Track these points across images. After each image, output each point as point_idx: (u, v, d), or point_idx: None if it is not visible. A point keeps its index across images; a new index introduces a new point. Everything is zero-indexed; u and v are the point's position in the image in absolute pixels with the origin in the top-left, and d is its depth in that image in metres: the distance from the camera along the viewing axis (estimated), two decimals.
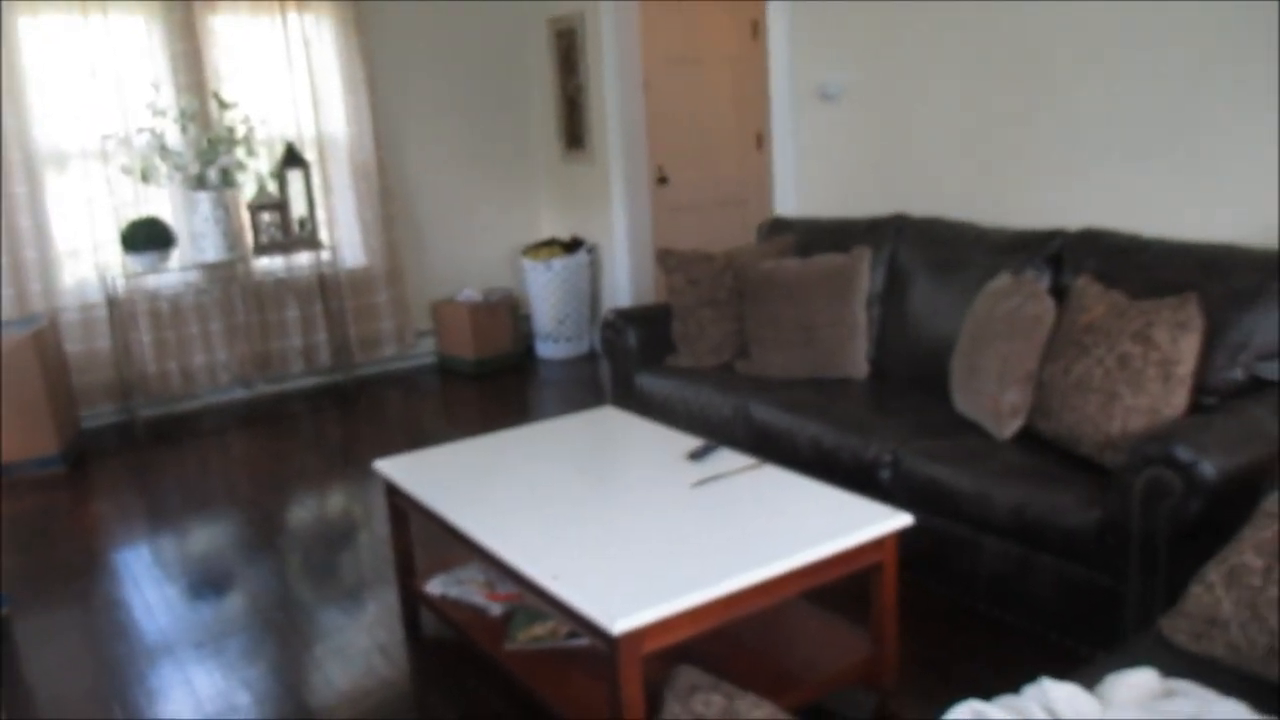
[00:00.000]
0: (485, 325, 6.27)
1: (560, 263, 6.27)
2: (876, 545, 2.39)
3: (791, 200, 4.86)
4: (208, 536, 4.03)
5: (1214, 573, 1.87)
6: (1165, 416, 2.64)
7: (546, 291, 6.33)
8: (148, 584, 3.61)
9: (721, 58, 6.55)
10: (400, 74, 6.28)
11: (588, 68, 6.15)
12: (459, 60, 6.49)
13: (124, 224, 5.32)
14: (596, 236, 6.41)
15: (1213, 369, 2.78)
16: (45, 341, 4.89)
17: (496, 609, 2.82)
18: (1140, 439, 2.47)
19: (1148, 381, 2.66)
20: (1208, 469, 2.32)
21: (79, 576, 3.71)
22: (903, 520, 2.41)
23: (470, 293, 6.43)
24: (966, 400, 3.19)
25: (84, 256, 5.42)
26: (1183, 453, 2.35)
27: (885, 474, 3.12)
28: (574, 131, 6.40)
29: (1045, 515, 2.66)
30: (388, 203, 6.19)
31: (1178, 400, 2.65)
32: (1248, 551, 1.84)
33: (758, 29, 6.44)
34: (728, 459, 2.85)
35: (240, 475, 4.73)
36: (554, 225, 6.83)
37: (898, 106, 4.25)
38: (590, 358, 6.46)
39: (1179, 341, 2.65)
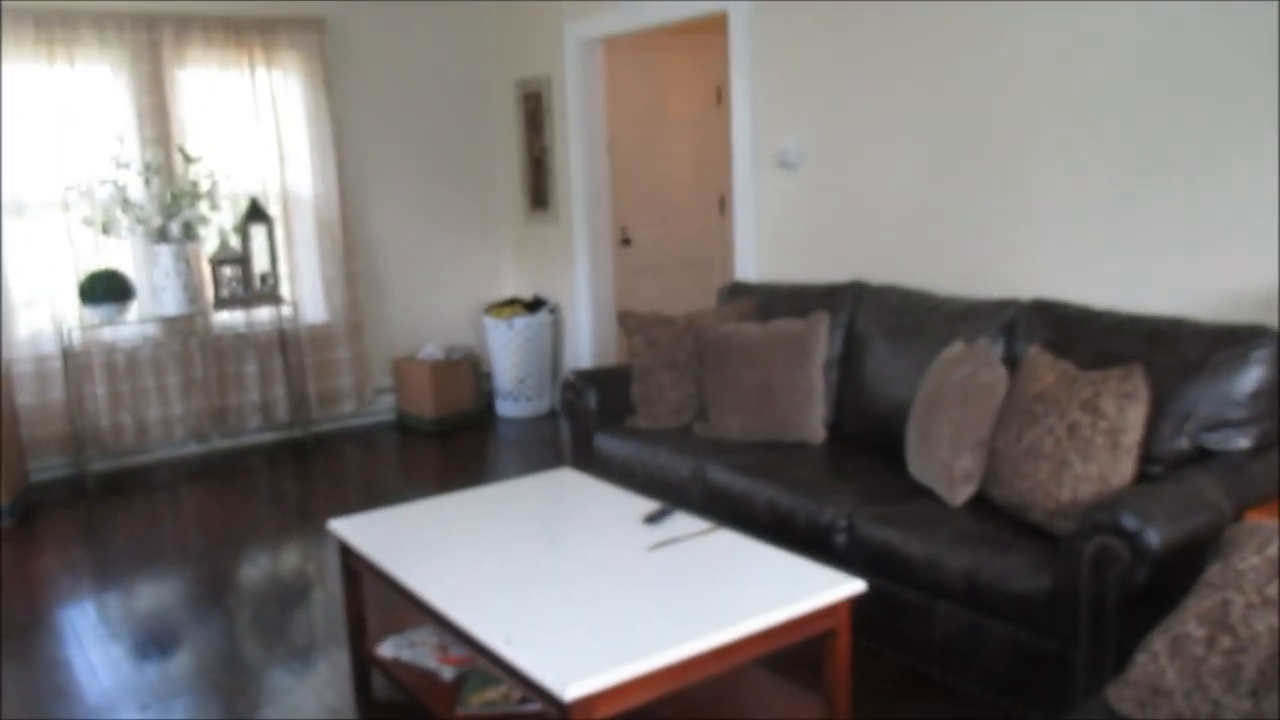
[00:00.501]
0: (446, 383, 6.26)
1: (522, 321, 6.29)
2: (830, 611, 2.40)
3: (752, 264, 4.93)
4: (156, 594, 3.95)
5: (1158, 642, 1.90)
6: (1113, 485, 2.69)
7: (508, 350, 6.34)
8: (92, 643, 3.54)
9: (686, 122, 6.67)
10: (367, 131, 6.33)
11: (554, 129, 6.23)
12: (426, 118, 6.55)
13: (83, 275, 5.28)
14: (559, 296, 6.45)
15: (1159, 438, 2.85)
16: None
17: (449, 673, 2.79)
18: (1089, 507, 2.52)
19: (1096, 450, 2.71)
20: (1153, 537, 2.36)
21: (21, 634, 3.62)
22: (856, 587, 2.42)
23: (432, 350, 6.42)
24: (921, 465, 3.23)
25: (40, 307, 5.37)
26: (1129, 521, 2.39)
27: (840, 538, 3.14)
28: (539, 191, 6.47)
29: (996, 581, 2.68)
30: (351, 259, 6.19)
31: (1125, 469, 2.70)
32: (1190, 621, 1.87)
33: (721, 95, 6.57)
34: (684, 523, 2.85)
35: (191, 531, 4.65)
36: (517, 284, 6.86)
37: (855, 175, 4.35)
38: (551, 417, 6.46)
39: (1126, 411, 2.70)
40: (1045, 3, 3.53)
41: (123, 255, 5.49)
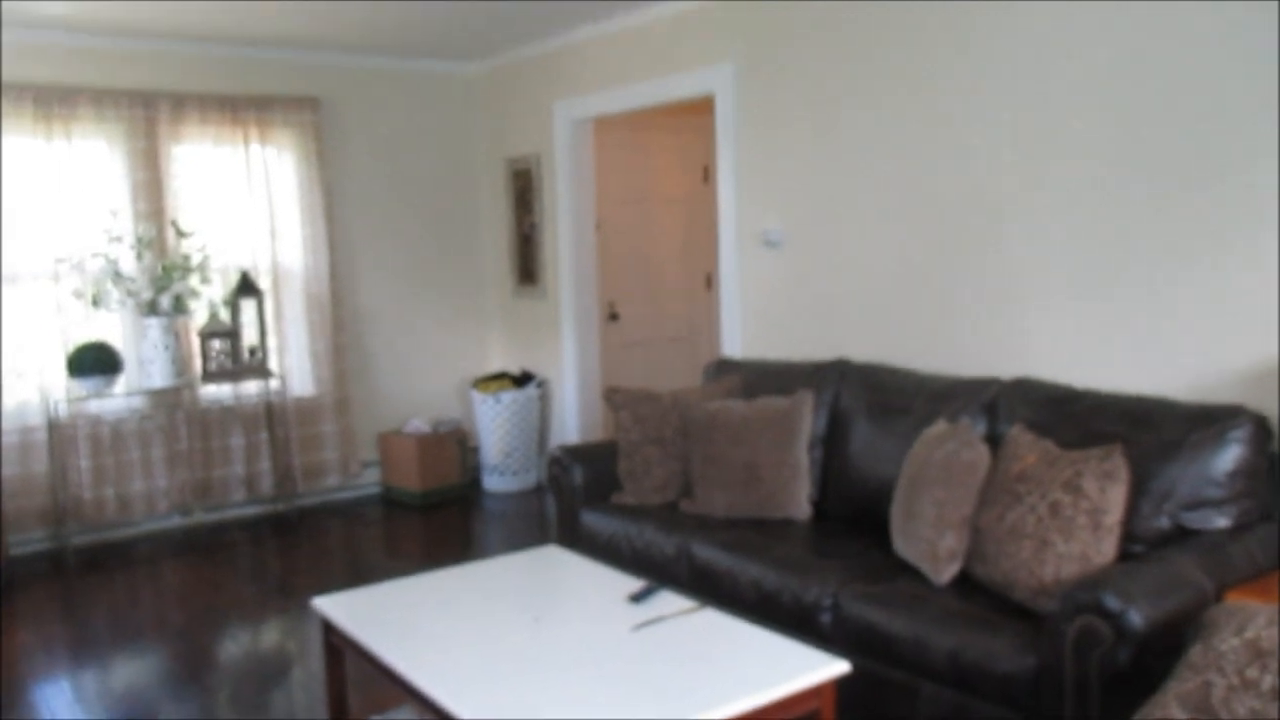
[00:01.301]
0: (432, 456, 6.25)
1: (510, 396, 6.31)
2: (815, 693, 2.39)
3: (738, 341, 4.98)
4: (134, 671, 3.90)
5: None
6: (1095, 564, 2.70)
7: (495, 424, 6.35)
8: None
9: (673, 200, 6.78)
10: (358, 206, 6.41)
11: (543, 206, 6.32)
12: (417, 194, 6.64)
13: (71, 347, 5.29)
14: (546, 371, 6.48)
15: (1140, 517, 2.87)
16: None
17: None
18: (1072, 587, 2.52)
19: (1078, 530, 2.72)
20: (1135, 618, 2.37)
21: None
22: (840, 668, 2.42)
23: (418, 423, 6.43)
24: (905, 544, 3.24)
25: (28, 378, 5.37)
26: (1111, 601, 2.40)
27: (825, 617, 3.13)
28: (527, 267, 6.54)
29: (981, 661, 2.68)
30: (339, 332, 6.23)
31: (1107, 548, 2.72)
32: (1172, 704, 1.87)
33: (708, 174, 6.69)
34: (669, 601, 2.85)
35: (172, 606, 4.60)
36: (504, 358, 6.90)
37: (838, 254, 4.42)
38: (537, 491, 6.44)
39: (1107, 491, 2.73)
40: (1021, 85, 3.63)
41: (112, 327, 5.52)
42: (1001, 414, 3.43)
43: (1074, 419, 3.20)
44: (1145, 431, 2.99)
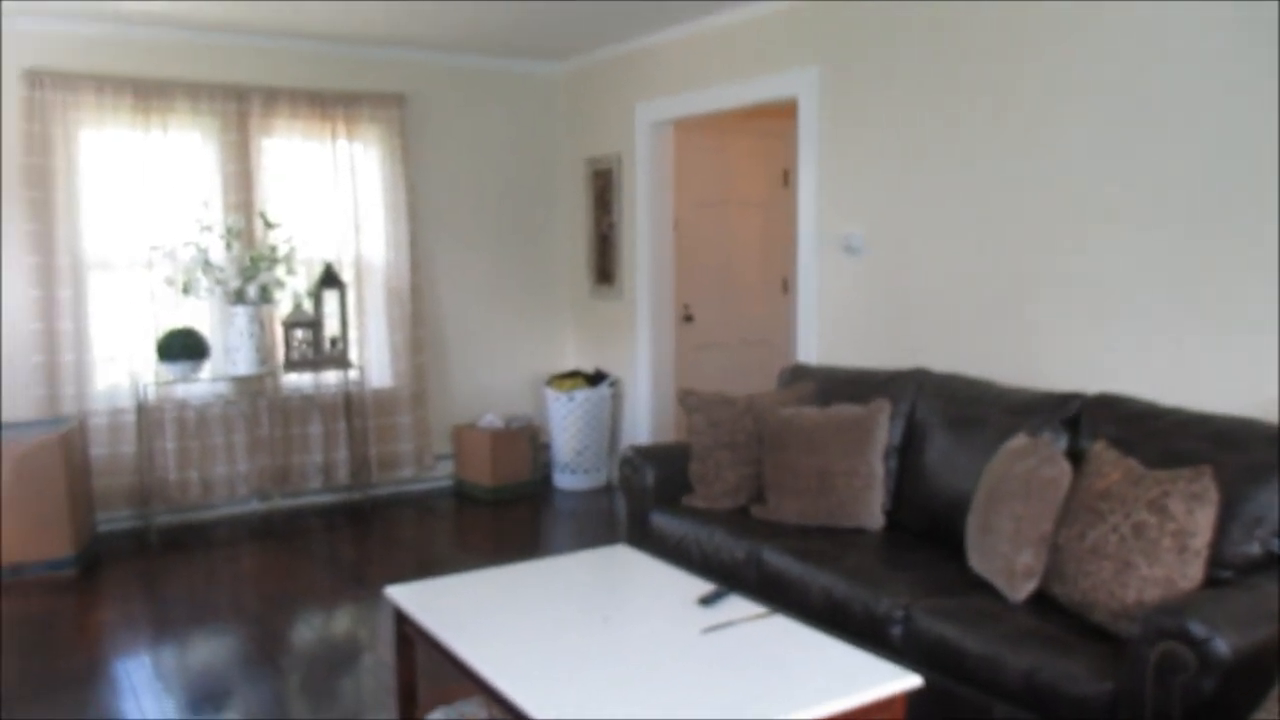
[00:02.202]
0: (504, 452, 6.31)
1: (583, 394, 6.34)
2: (885, 705, 2.36)
3: (813, 347, 4.94)
4: (211, 650, 4.00)
5: None
6: (1180, 588, 2.62)
7: (567, 422, 6.39)
8: (147, 696, 3.58)
9: (752, 203, 6.75)
10: (440, 202, 6.50)
11: (621, 206, 6.34)
12: (497, 192, 6.71)
13: (161, 333, 5.45)
14: (620, 370, 6.50)
15: (1228, 542, 2.78)
16: (71, 444, 4.97)
17: None
18: (1155, 611, 2.45)
19: (1163, 552, 2.65)
20: (1222, 646, 2.29)
21: (79, 684, 3.68)
22: (912, 681, 2.38)
23: (492, 419, 6.49)
24: (980, 559, 3.18)
25: (119, 362, 5.55)
26: (1197, 628, 2.33)
27: (896, 630, 3.09)
28: (604, 267, 6.56)
29: (1057, 683, 2.62)
30: (418, 326, 6.32)
31: (1193, 573, 2.64)
32: None
33: (788, 177, 6.65)
34: (738, 606, 2.84)
35: (248, 589, 4.72)
36: (579, 357, 6.94)
37: (919, 262, 4.36)
38: (607, 490, 6.46)
39: (1195, 513, 2.65)
40: (1109, 96, 3.55)
41: (200, 315, 5.67)
42: (1084, 430, 3.35)
43: (1159, 437, 3.11)
44: (1234, 452, 2.90)
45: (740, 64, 5.28)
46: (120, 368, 5.55)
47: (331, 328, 5.92)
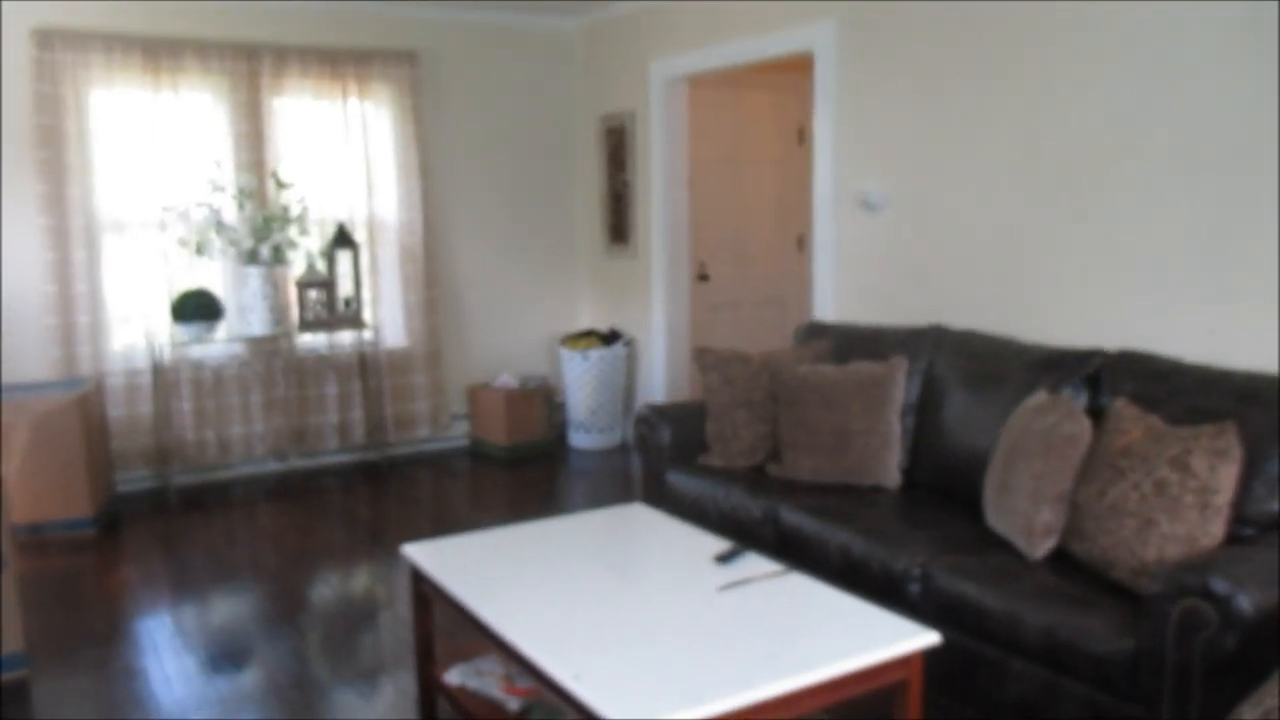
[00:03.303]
0: (519, 412, 6.31)
1: (597, 354, 6.32)
2: (902, 663, 2.35)
3: (830, 304, 4.90)
4: (230, 608, 4.03)
5: (1248, 714, 1.82)
6: (1202, 546, 2.60)
7: (582, 382, 6.38)
8: (168, 654, 3.61)
9: (767, 160, 6.68)
10: (452, 161, 6.45)
11: (635, 164, 6.28)
12: (510, 150, 6.66)
13: (175, 294, 5.45)
14: (635, 330, 6.47)
15: (1251, 500, 2.75)
16: (89, 405, 4.98)
17: (514, 704, 2.79)
18: (1176, 568, 2.43)
19: (1185, 509, 2.62)
20: (1244, 603, 2.27)
21: (100, 642, 3.72)
22: (930, 638, 2.37)
23: (507, 379, 6.49)
24: (999, 517, 3.16)
25: (134, 323, 5.55)
26: (1219, 585, 2.31)
27: (914, 588, 3.08)
28: (618, 226, 6.52)
29: (1076, 640, 2.61)
30: (432, 286, 6.30)
31: (1215, 530, 2.61)
32: None
33: (803, 135, 6.57)
34: (755, 564, 2.83)
35: (267, 548, 4.74)
36: (593, 317, 6.91)
37: (938, 218, 4.31)
38: (622, 450, 6.47)
39: (1217, 470, 2.62)
40: (1136, 48, 3.47)
41: (213, 276, 5.66)
42: (1105, 387, 3.32)
43: (1182, 394, 3.07)
44: (1258, 410, 2.86)
45: (756, 18, 5.19)
46: (135, 329, 5.56)
47: (345, 288, 5.91)
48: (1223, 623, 2.29)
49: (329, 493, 5.68)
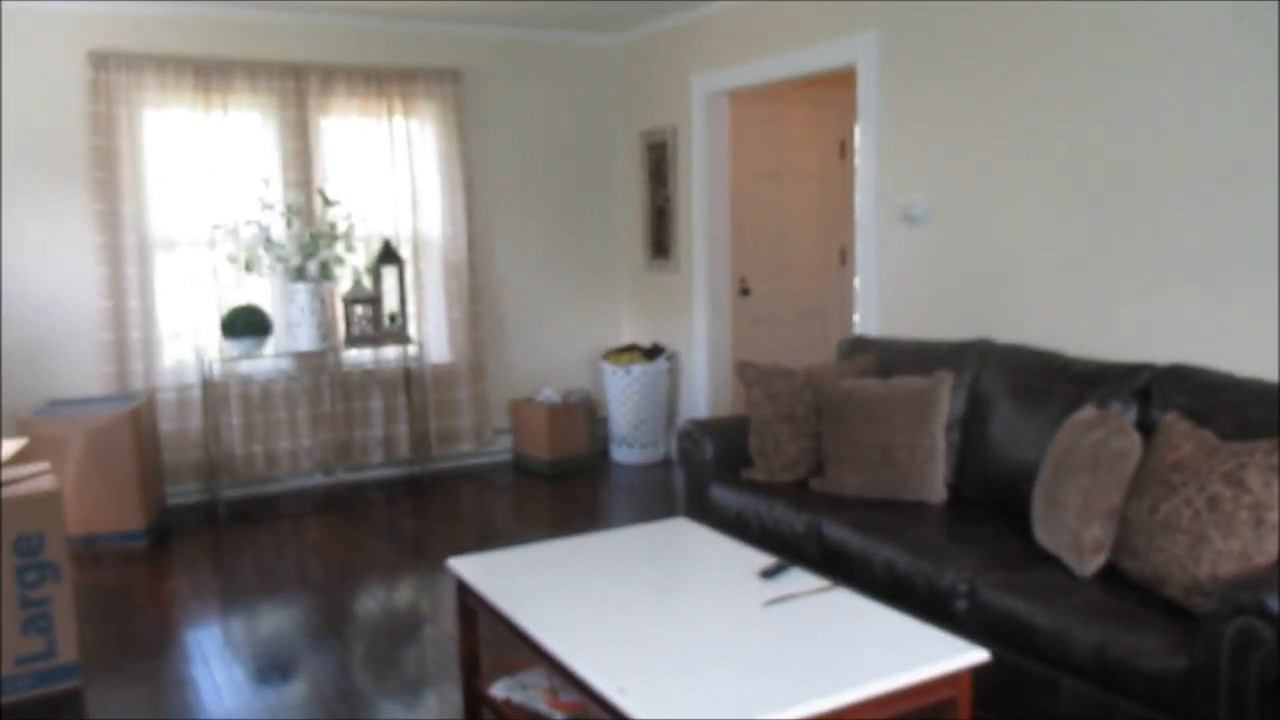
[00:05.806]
0: (562, 426, 6.33)
1: (640, 368, 6.34)
2: (950, 680, 2.33)
3: (873, 319, 4.88)
4: (278, 620, 4.08)
5: None
6: (1257, 563, 2.55)
7: (624, 396, 6.39)
8: (217, 664, 3.66)
9: (808, 175, 6.67)
10: (496, 177, 6.51)
11: (677, 179, 6.30)
12: (553, 166, 6.71)
13: (225, 310, 5.54)
14: (677, 344, 6.48)
15: None
16: (141, 419, 5.08)
17: (559, 717, 2.79)
18: (1230, 585, 2.39)
19: (1239, 525, 2.58)
20: None
21: (152, 652, 3.78)
22: (978, 656, 2.35)
23: (549, 393, 6.52)
24: (1047, 533, 3.13)
25: (184, 339, 5.65)
26: (1275, 603, 2.26)
27: (960, 604, 3.05)
28: (660, 240, 6.54)
29: (1128, 658, 2.57)
30: (476, 301, 6.36)
31: (1270, 547, 2.56)
32: None
33: (845, 149, 6.56)
34: (800, 579, 2.82)
35: (314, 561, 4.80)
36: (635, 331, 6.93)
37: (983, 232, 4.28)
38: (665, 464, 6.47)
39: (1273, 486, 2.57)
40: (1186, 60, 3.43)
41: (262, 292, 5.76)
42: (1155, 401, 3.27)
43: (1234, 409, 3.02)
44: None
45: (797, 32, 5.20)
46: (186, 344, 5.66)
47: (390, 304, 5.97)
48: (1279, 642, 2.25)
49: (374, 506, 5.73)
